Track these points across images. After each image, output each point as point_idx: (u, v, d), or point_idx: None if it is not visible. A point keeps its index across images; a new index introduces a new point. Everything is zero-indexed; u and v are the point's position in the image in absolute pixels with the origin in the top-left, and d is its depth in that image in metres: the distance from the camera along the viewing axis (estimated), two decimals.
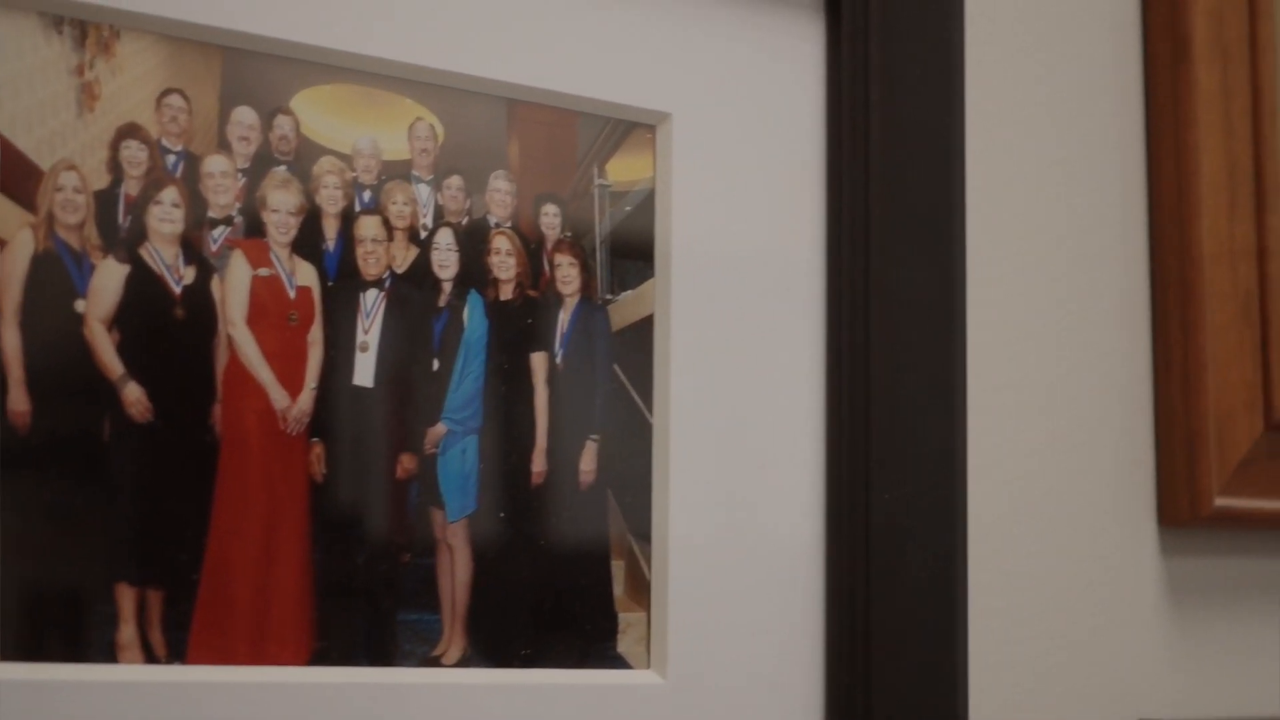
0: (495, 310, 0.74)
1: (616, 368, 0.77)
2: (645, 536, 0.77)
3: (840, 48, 0.83)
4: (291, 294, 0.70)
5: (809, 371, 0.82)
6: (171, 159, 0.69)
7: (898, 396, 0.82)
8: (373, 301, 0.72)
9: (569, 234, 0.76)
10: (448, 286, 0.73)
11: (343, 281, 0.71)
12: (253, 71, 0.70)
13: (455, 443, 0.73)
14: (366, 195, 0.72)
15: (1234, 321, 0.97)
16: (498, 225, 0.74)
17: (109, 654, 0.66)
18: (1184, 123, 0.97)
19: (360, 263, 0.72)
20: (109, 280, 0.67)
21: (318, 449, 0.70)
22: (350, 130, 0.72)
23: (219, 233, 0.69)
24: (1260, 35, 0.99)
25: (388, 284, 0.72)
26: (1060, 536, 0.92)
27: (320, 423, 0.70)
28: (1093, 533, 0.93)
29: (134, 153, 0.68)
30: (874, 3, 0.83)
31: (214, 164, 0.69)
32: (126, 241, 0.67)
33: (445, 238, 0.73)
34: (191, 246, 0.69)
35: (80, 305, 0.66)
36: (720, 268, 0.79)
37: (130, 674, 0.66)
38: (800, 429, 0.81)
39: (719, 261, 0.79)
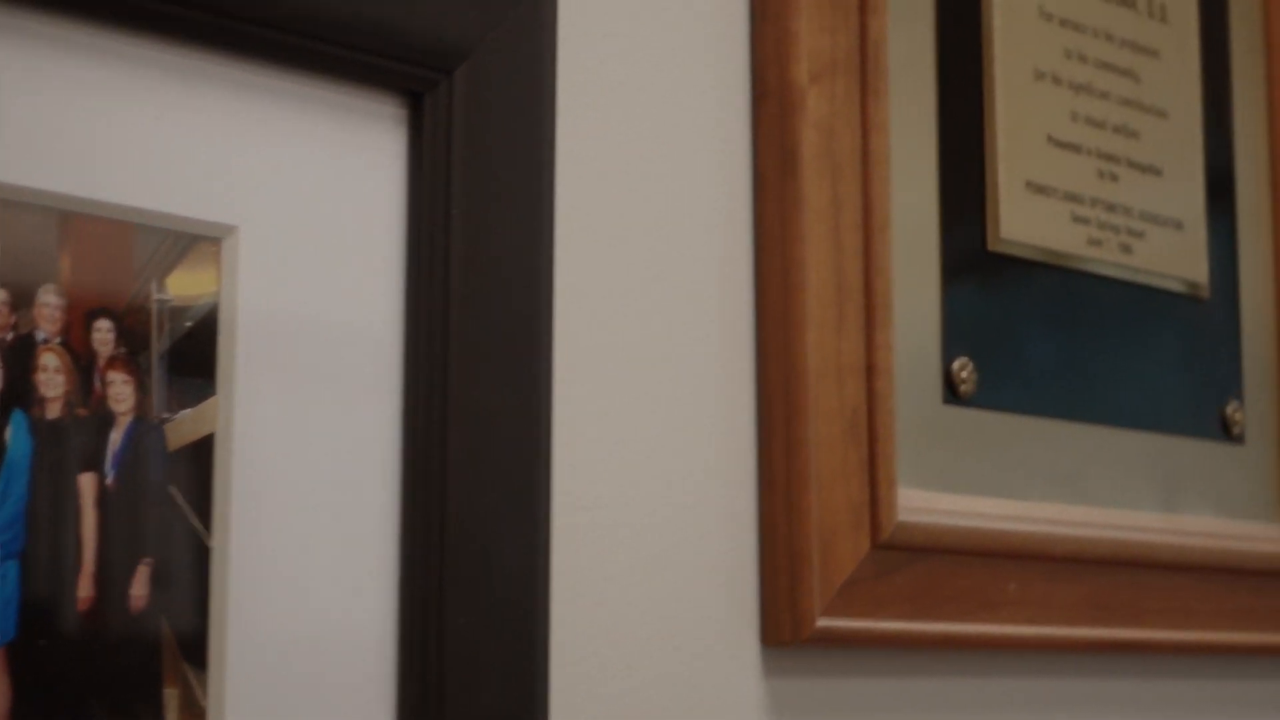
0: (41, 429, 0.76)
1: (173, 489, 0.79)
2: (201, 663, 0.79)
3: (422, 162, 0.86)
4: None
5: (383, 491, 0.85)
6: None
7: (475, 515, 0.85)
8: None
9: (123, 350, 0.78)
10: None
11: None
12: None
13: None
14: None
15: (839, 439, 1.02)
16: (46, 341, 0.77)
17: None
18: (792, 237, 1.02)
19: None
20: None
21: None
22: None
23: None
24: (872, 149, 1.05)
25: None
26: (657, 659, 0.96)
27: None
28: (693, 654, 0.98)
29: None
30: (458, 119, 0.87)
31: None
32: None
33: None
34: None
35: None
36: (288, 386, 0.82)
37: None
38: (373, 551, 0.84)
39: (286, 379, 0.82)
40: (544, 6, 0.90)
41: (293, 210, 0.83)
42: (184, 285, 0.80)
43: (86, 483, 0.77)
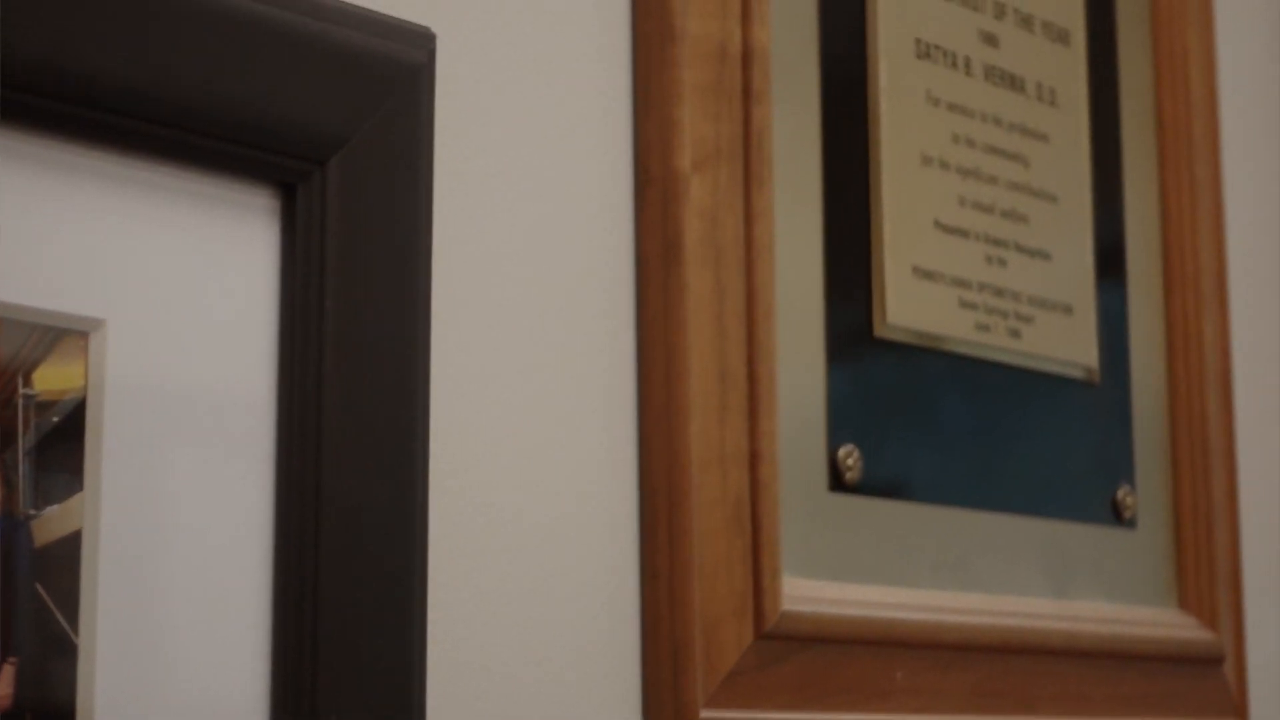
0: None
1: (39, 586, 0.79)
2: None
3: (295, 254, 0.87)
4: None
5: (254, 585, 0.85)
6: None
7: (349, 608, 0.86)
8: None
9: None
10: None
11: None
12: None
13: None
14: None
15: (723, 528, 1.03)
16: None
17: None
18: (674, 326, 1.03)
19: None
20: None
21: None
22: None
23: None
24: (756, 236, 1.07)
25: None
26: None
27: None
28: None
29: None
30: (331, 210, 0.87)
31: None
32: None
33: None
34: None
35: None
36: (157, 480, 0.83)
37: None
38: (244, 646, 0.85)
39: (155, 473, 0.83)
40: (420, 94, 0.92)
41: (163, 304, 0.84)
42: (51, 380, 0.81)
43: None
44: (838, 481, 1.12)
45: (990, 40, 1.29)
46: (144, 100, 0.82)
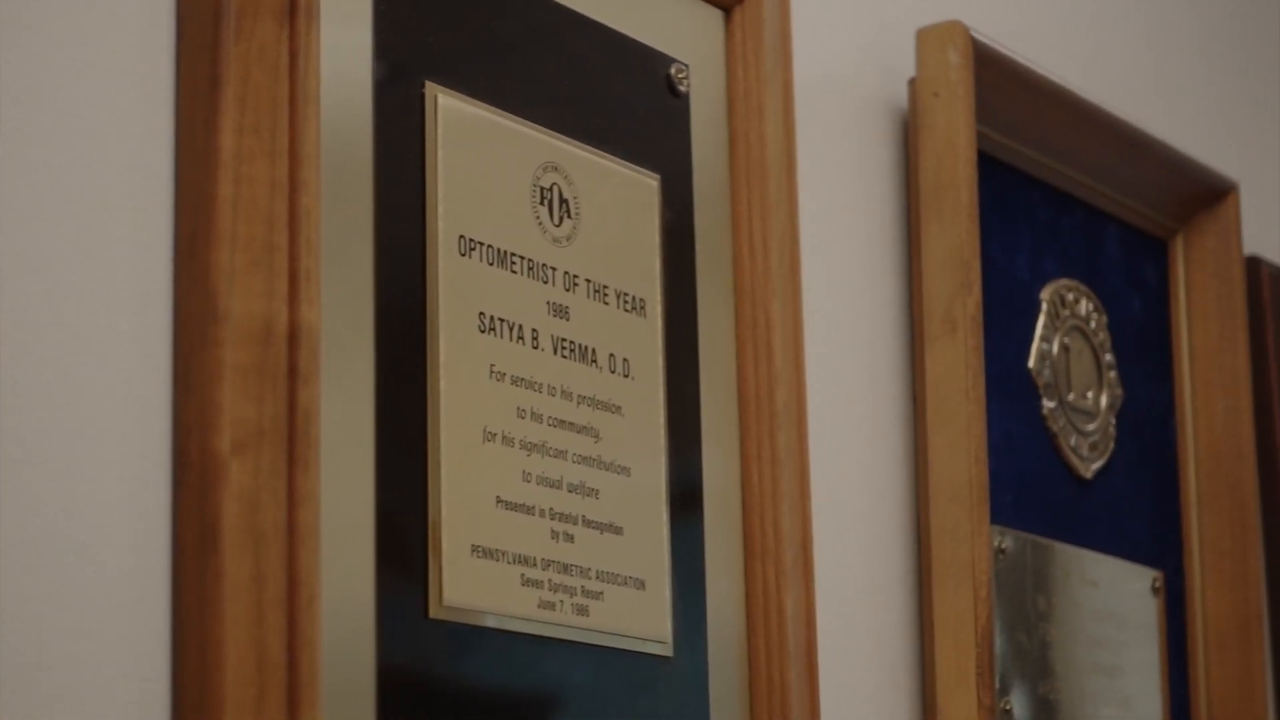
0: None
1: None
2: None
3: None
4: None
5: None
6: None
7: None
8: None
9: None
10: None
11: None
12: None
13: None
14: None
15: None
16: None
17: None
18: (210, 614, 1.05)
19: None
20: None
21: None
22: None
23: None
24: (299, 521, 1.09)
25: None
26: None
27: None
28: None
29: None
30: None
31: None
32: None
33: None
34: None
35: None
36: None
37: None
38: None
39: None
40: None
41: None
42: None
43: None
44: None
45: (560, 312, 1.33)
46: None
